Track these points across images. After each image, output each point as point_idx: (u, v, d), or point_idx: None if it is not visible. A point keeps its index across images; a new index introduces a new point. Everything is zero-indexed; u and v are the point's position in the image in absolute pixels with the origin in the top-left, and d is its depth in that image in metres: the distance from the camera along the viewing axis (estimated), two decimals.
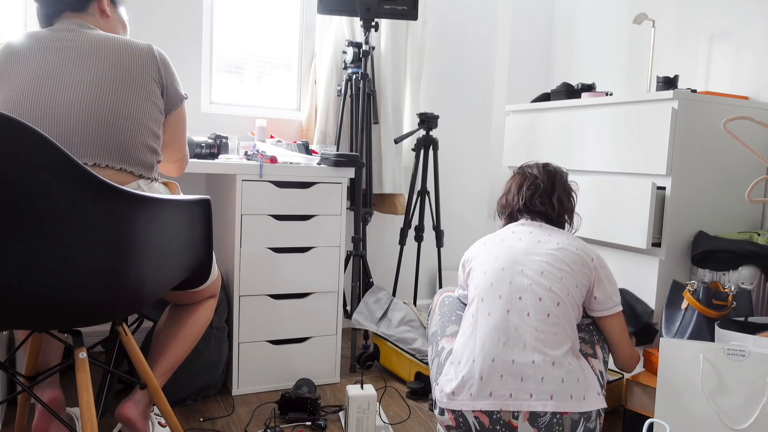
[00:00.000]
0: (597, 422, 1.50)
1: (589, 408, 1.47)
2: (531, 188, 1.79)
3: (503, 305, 1.57)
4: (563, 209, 1.80)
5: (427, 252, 3.31)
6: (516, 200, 1.81)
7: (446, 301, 1.86)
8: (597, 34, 3.07)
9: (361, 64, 2.58)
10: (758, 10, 2.33)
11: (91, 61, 1.40)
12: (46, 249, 1.09)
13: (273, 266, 2.14)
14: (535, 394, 1.47)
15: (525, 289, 1.58)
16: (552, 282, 1.58)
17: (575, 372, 1.50)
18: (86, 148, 1.35)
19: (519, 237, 1.70)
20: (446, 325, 1.75)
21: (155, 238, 1.26)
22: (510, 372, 1.50)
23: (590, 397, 1.49)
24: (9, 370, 1.36)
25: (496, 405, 1.48)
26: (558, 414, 1.46)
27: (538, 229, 1.73)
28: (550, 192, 1.79)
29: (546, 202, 1.78)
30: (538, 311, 1.55)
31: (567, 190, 1.82)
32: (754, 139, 2.24)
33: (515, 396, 1.48)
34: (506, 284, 1.60)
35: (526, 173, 1.83)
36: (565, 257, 1.63)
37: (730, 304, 1.85)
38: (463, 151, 3.34)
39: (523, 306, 1.56)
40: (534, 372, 1.49)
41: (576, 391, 1.48)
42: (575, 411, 1.46)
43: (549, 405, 1.46)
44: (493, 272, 1.63)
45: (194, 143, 2.12)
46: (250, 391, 2.16)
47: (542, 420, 1.46)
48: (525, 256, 1.63)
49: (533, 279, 1.59)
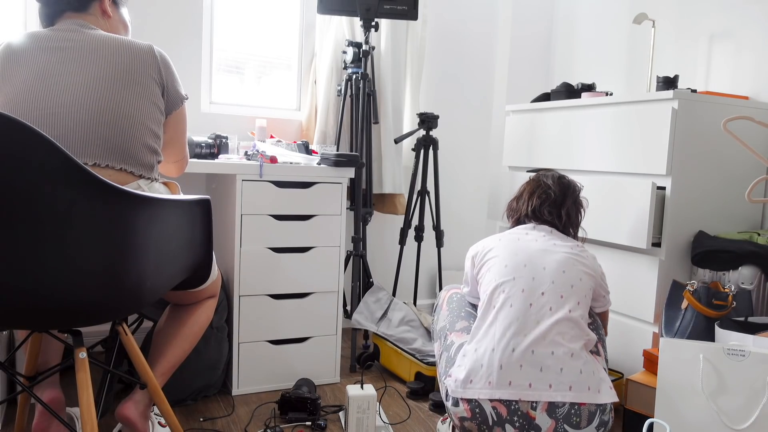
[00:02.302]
0: (610, 416, 1.53)
1: (604, 400, 1.51)
2: (542, 197, 1.84)
3: (525, 299, 1.61)
4: (570, 222, 1.85)
5: (427, 252, 3.31)
6: (525, 206, 1.86)
7: (454, 298, 1.88)
8: (597, 34, 3.07)
9: (361, 64, 2.58)
10: (758, 10, 2.33)
11: (92, 61, 1.40)
12: (46, 249, 1.09)
13: (273, 266, 2.14)
14: (555, 384, 1.50)
15: (547, 286, 1.62)
16: (574, 281, 1.64)
17: (591, 365, 1.54)
18: (87, 148, 1.35)
19: (534, 239, 1.75)
20: (455, 320, 1.77)
21: (155, 238, 1.26)
22: (529, 362, 1.52)
23: (604, 390, 1.53)
24: (9, 370, 1.36)
25: (515, 394, 1.50)
26: (576, 405, 1.49)
27: (549, 234, 1.79)
28: (560, 203, 1.83)
29: (554, 212, 1.83)
30: (560, 307, 1.59)
31: (577, 205, 1.87)
32: (754, 139, 2.24)
33: (534, 386, 1.51)
34: (529, 279, 1.63)
35: (541, 182, 1.88)
36: (581, 261, 1.70)
37: (730, 304, 1.85)
38: (463, 151, 3.34)
39: (546, 301, 1.60)
40: (553, 363, 1.52)
41: (593, 383, 1.51)
42: (592, 402, 1.50)
43: (568, 395, 1.49)
44: (514, 266, 1.67)
45: (194, 143, 2.12)
46: (250, 391, 2.16)
47: (560, 411, 1.49)
48: (545, 256, 1.68)
49: (555, 277, 1.64)
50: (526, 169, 2.72)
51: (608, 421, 1.52)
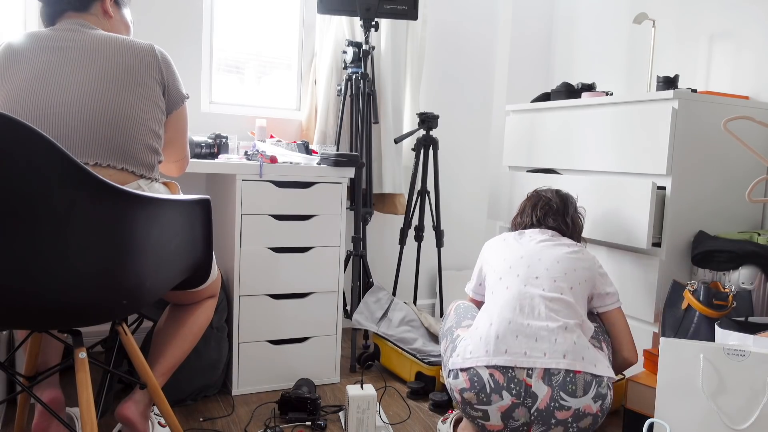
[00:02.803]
0: (608, 391, 1.57)
1: (600, 373, 1.56)
2: (544, 208, 1.97)
3: (521, 281, 1.73)
4: (575, 229, 1.98)
5: (427, 252, 3.30)
6: (530, 219, 1.98)
7: (462, 305, 1.96)
8: (597, 33, 3.07)
9: (361, 63, 2.58)
10: (758, 10, 2.33)
11: (93, 60, 1.40)
12: (45, 249, 1.09)
13: (273, 266, 2.14)
14: (549, 353, 1.56)
15: (542, 272, 1.74)
16: (566, 271, 1.75)
17: (585, 341, 1.60)
18: (87, 148, 1.35)
19: (536, 238, 1.87)
20: (462, 320, 1.85)
21: (155, 238, 1.26)
22: (525, 333, 1.60)
23: (601, 366, 1.58)
24: (9, 370, 1.36)
25: (511, 361, 1.56)
26: (571, 372, 1.54)
27: (552, 236, 1.89)
28: (563, 212, 1.97)
29: (559, 220, 1.95)
30: (553, 289, 1.70)
31: (578, 213, 2.01)
32: (754, 139, 2.24)
33: (529, 354, 1.57)
34: (524, 267, 1.76)
35: (540, 196, 2.01)
36: (578, 257, 1.80)
37: (730, 304, 1.85)
38: (463, 151, 3.34)
39: (539, 284, 1.71)
40: (548, 334, 1.59)
41: (588, 355, 1.57)
42: (588, 372, 1.54)
43: (562, 363, 1.55)
44: (512, 259, 1.80)
45: (194, 143, 2.12)
46: (250, 391, 2.16)
47: (556, 378, 1.54)
48: (542, 250, 1.80)
49: (549, 265, 1.75)
50: (526, 169, 2.72)
51: (605, 395, 1.55)
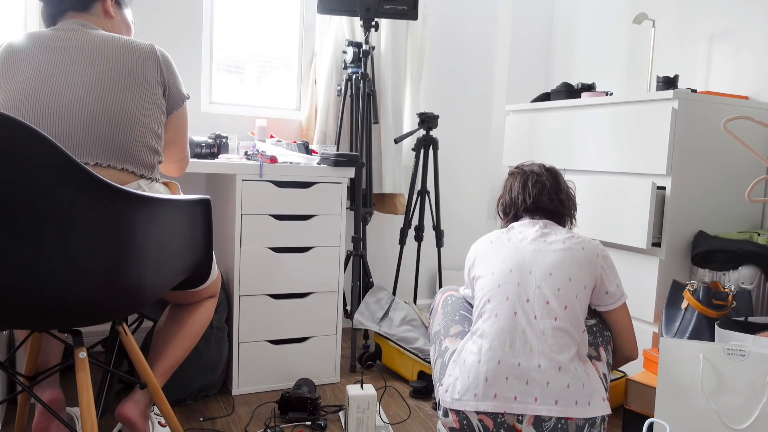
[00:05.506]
0: (601, 428, 1.49)
1: (593, 414, 1.47)
2: (537, 186, 1.77)
3: (510, 307, 1.57)
4: (571, 205, 1.81)
5: (427, 252, 3.31)
6: (522, 198, 1.78)
7: (449, 300, 1.84)
8: (597, 33, 3.07)
9: (361, 63, 2.58)
10: (758, 10, 2.33)
11: (93, 60, 1.40)
12: (46, 249, 1.09)
13: (273, 266, 2.14)
14: (540, 398, 1.46)
15: (533, 291, 1.57)
16: (560, 284, 1.58)
17: (581, 377, 1.49)
18: (88, 148, 1.35)
19: (526, 236, 1.68)
20: (450, 324, 1.74)
21: (155, 238, 1.26)
22: (515, 375, 1.49)
23: (595, 402, 1.48)
24: (9, 370, 1.36)
25: (500, 407, 1.48)
26: (563, 419, 1.45)
27: (543, 228, 1.71)
28: (557, 189, 1.78)
29: (554, 198, 1.77)
30: (546, 315, 1.54)
31: (569, 186, 1.83)
32: (754, 139, 2.24)
33: (520, 399, 1.47)
34: (514, 286, 1.59)
35: (527, 171, 1.81)
36: (573, 257, 1.62)
37: (730, 304, 1.85)
38: (463, 151, 3.34)
39: (531, 309, 1.55)
40: (539, 376, 1.48)
41: (581, 396, 1.47)
42: (580, 417, 1.45)
43: (554, 410, 1.45)
44: (500, 273, 1.62)
45: (194, 143, 2.12)
46: (250, 391, 2.16)
47: (547, 425, 1.46)
48: (533, 257, 1.62)
49: (541, 281, 1.58)
50: None
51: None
